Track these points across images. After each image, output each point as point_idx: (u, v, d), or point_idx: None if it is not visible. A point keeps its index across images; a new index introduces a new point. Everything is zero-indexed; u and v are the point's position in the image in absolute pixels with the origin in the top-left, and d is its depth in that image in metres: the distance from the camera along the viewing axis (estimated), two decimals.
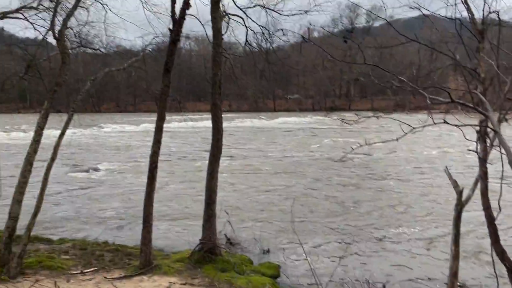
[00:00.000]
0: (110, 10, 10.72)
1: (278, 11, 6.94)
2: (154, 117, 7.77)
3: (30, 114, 76.57)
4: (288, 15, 6.75)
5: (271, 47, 10.66)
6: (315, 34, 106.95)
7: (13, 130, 41.12)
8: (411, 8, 6.39)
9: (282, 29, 8.42)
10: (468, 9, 5.29)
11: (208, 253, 7.61)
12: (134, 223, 11.02)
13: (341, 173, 18.60)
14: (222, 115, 8.19)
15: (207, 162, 8.17)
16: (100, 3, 10.35)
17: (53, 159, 7.37)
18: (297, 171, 19.47)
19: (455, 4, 5.35)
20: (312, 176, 18.17)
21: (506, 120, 4.68)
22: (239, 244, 9.36)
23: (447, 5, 5.20)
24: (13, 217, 7.07)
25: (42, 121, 7.64)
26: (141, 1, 10.84)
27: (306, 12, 6.55)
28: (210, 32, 8.08)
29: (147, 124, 53.67)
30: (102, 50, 13.00)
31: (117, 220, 11.66)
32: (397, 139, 3.77)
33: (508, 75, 5.75)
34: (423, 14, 6.38)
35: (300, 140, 34.31)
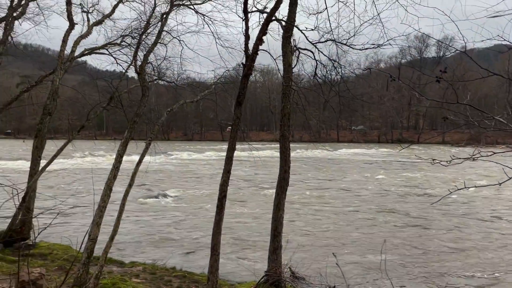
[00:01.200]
0: (186, 46, 11.46)
1: (350, 45, 6.97)
2: (219, 145, 8.10)
3: (106, 140, 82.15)
4: (360, 49, 6.76)
5: (339, 78, 10.72)
6: (382, 65, 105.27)
7: (92, 155, 44.23)
8: (489, 39, 6.12)
9: (349, 62, 8.46)
10: None
11: (273, 286, 7.53)
12: (201, 250, 11.25)
13: (426, 210, 17.70)
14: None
15: (271, 191, 8.22)
16: (177, 39, 11.11)
17: (130, 185, 7.81)
18: (371, 205, 18.84)
19: None
20: (386, 211, 17.47)
21: None
22: (304, 278, 9.15)
23: None
24: (92, 239, 7.52)
25: (122, 149, 8.17)
26: (214, 37, 11.49)
27: (379, 46, 6.52)
28: (280, 66, 8.31)
29: (212, 152, 55.39)
30: (176, 83, 13.78)
31: (184, 246, 11.95)
32: (499, 184, 3.50)
33: None
34: (504, 44, 6.06)
35: (366, 172, 33.36)
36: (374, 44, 6.58)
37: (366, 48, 6.76)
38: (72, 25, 11.99)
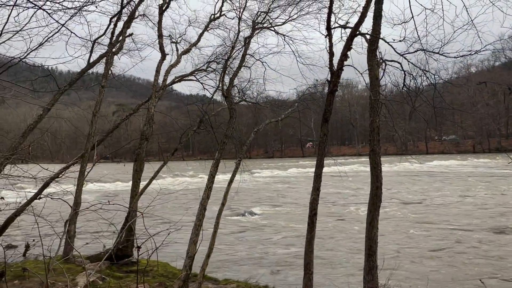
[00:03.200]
0: (269, 67, 11.76)
1: (443, 54, 6.61)
2: (300, 161, 8.05)
3: (193, 160, 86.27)
4: (455, 57, 6.38)
5: (427, 87, 10.20)
6: (472, 70, 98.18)
7: (183, 176, 46.66)
8: None
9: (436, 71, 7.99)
10: None
11: None
12: (291, 268, 11.21)
13: None
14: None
15: (359, 208, 7.96)
16: (260, 61, 11.44)
17: (223, 204, 8.10)
18: (474, 222, 17.47)
19: None
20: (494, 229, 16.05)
21: None
22: None
23: None
24: (190, 257, 7.89)
25: (213, 170, 8.53)
26: (295, 56, 11.65)
27: (476, 52, 6.09)
28: (367, 79, 8.13)
29: (294, 168, 55.42)
30: (258, 102, 14.09)
31: (275, 263, 12.01)
32: None
33: None
34: None
35: (466, 185, 30.95)
36: (470, 51, 6.16)
37: (462, 56, 6.36)
38: (163, 55, 12.94)
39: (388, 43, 7.17)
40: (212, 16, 13.62)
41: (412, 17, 8.01)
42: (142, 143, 11.56)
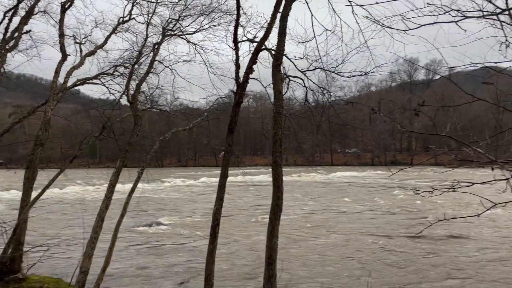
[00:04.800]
0: (178, 74, 11.61)
1: (338, 73, 7.11)
2: (213, 171, 8.06)
3: (100, 168, 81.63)
4: (348, 77, 6.90)
5: (329, 103, 10.94)
6: (373, 88, 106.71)
7: (84, 184, 43.86)
8: (473, 63, 6.30)
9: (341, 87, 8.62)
10: None
11: None
12: (195, 280, 11.07)
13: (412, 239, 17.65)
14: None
15: (266, 217, 8.19)
16: (170, 69, 11.26)
17: (122, 215, 7.76)
18: (367, 230, 18.77)
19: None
20: (385, 236, 17.40)
21: None
22: None
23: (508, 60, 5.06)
24: (84, 272, 7.41)
25: (114, 179, 8.15)
26: (206, 66, 11.67)
27: (366, 73, 6.66)
28: (270, 92, 8.44)
29: (206, 178, 55.14)
30: (168, 110, 13.80)
31: (179, 276, 11.77)
32: (478, 215, 3.60)
33: None
34: (486, 67, 6.24)
35: (362, 195, 33.33)
36: (361, 72, 6.73)
37: (354, 76, 6.91)
38: (64, 56, 12.12)
39: (290, 59, 7.52)
40: (121, 19, 13.12)
41: (314, 36, 8.50)
42: (36, 149, 10.65)
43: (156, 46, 11.01)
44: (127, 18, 13.08)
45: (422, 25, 4.40)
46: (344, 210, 24.85)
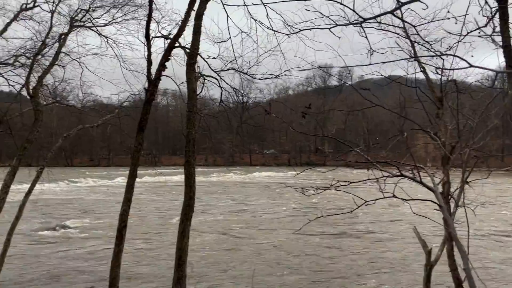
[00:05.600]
0: (87, 68, 10.94)
1: (250, 75, 7.22)
2: (127, 171, 7.72)
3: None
4: (260, 79, 7.05)
5: (245, 105, 11.08)
6: (290, 92, 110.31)
7: None
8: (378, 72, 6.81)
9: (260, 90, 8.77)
10: (428, 79, 5.67)
11: None
12: (100, 285, 10.53)
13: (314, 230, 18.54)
14: (198, 169, 8.21)
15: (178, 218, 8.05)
16: (77, 62, 10.58)
17: (17, 218, 7.12)
18: (271, 227, 19.27)
19: (415, 73, 5.72)
20: (286, 231, 18.00)
21: (468, 183, 4.87)
22: None
23: (407, 73, 5.55)
24: None
25: (9, 179, 7.46)
26: (119, 61, 11.15)
27: (277, 76, 6.86)
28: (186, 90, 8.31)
29: (120, 178, 52.83)
30: (77, 106, 12.97)
31: (84, 281, 11.10)
32: (351, 211, 3.91)
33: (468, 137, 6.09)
34: (388, 78, 6.79)
35: (275, 195, 34.26)
36: (272, 75, 6.91)
37: (266, 78, 7.08)
38: None
39: (203, 58, 7.48)
40: (24, 5, 12.05)
41: (230, 37, 8.54)
42: None
43: (63, 36, 10.29)
44: (31, 5, 12.05)
45: (300, 30, 4.63)
46: (256, 209, 25.36)
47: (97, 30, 11.36)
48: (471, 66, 3.94)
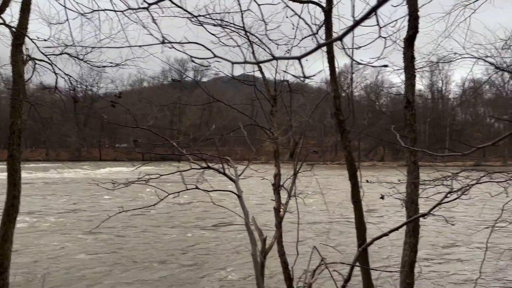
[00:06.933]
0: None
1: (87, 61, 6.67)
2: None
3: None
4: (98, 67, 6.56)
5: (93, 96, 10.25)
6: (145, 84, 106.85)
7: None
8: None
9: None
10: (264, 78, 6.03)
11: None
12: None
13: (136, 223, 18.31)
14: (37, 165, 7.26)
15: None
16: None
17: None
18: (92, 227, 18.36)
19: (254, 71, 6.04)
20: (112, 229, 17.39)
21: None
22: None
23: (245, 71, 5.82)
24: None
25: None
26: None
27: (117, 65, 6.47)
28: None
29: None
30: None
31: None
32: (154, 205, 4.00)
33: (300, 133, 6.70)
34: (231, 77, 7.03)
35: (117, 192, 32.75)
36: (112, 63, 6.51)
37: (104, 66, 6.62)
38: None
39: (32, 40, 6.64)
40: None
41: (67, 20, 7.78)
42: None
43: None
44: None
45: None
46: (84, 208, 23.90)
47: None
48: (300, 59, 4.28)
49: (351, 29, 1.03)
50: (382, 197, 5.24)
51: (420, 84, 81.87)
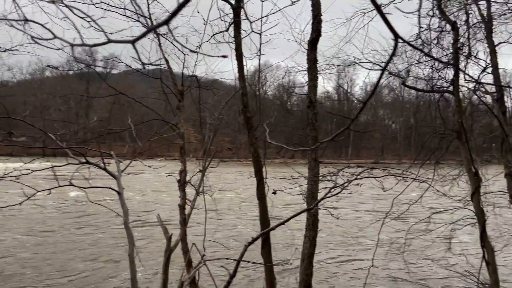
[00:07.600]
0: None
1: None
2: None
3: None
4: None
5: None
6: (48, 74, 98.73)
7: None
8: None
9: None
10: (171, 72, 5.91)
11: None
12: None
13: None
14: None
15: None
16: None
17: None
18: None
19: (160, 65, 5.88)
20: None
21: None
22: None
23: (151, 64, 5.65)
24: None
25: None
26: None
27: (6, 50, 5.83)
28: None
29: None
30: None
31: None
32: (20, 204, 3.87)
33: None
34: (137, 70, 6.77)
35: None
36: (1, 48, 5.86)
37: None
38: None
39: None
40: None
41: None
42: None
43: None
44: None
45: None
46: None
47: None
48: (133, 42, 4.24)
49: (174, 14, 1.02)
50: (274, 192, 5.44)
51: (329, 86, 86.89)
